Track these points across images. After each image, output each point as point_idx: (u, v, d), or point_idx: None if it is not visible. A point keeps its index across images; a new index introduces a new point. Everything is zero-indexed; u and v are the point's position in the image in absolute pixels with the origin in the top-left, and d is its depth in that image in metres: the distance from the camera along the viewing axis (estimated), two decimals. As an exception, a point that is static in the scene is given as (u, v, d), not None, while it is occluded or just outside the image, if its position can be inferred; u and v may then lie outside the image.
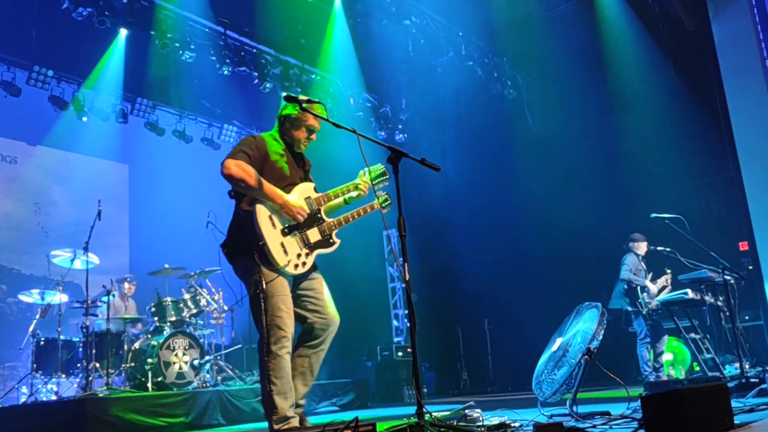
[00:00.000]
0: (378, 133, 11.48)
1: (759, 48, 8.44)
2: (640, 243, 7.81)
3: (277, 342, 3.77)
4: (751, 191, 8.53)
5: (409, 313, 3.22)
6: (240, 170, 3.81)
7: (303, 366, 3.99)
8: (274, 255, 3.81)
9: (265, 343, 3.77)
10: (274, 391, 3.74)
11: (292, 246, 3.90)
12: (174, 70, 9.51)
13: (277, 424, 3.74)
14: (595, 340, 3.74)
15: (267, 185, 3.86)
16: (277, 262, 3.82)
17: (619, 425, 3.12)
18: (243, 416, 6.54)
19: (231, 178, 3.82)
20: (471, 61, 10.63)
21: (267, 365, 3.75)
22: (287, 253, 3.86)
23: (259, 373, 3.83)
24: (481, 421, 3.48)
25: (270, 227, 3.86)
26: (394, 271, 12.19)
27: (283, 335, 3.79)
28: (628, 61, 9.86)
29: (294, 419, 3.78)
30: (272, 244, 3.82)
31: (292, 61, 10.26)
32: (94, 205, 7.15)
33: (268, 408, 3.76)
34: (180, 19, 8.92)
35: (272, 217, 3.88)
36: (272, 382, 3.74)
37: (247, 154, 3.90)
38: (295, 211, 3.89)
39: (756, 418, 3.05)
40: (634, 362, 7.99)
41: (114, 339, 7.28)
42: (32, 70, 8.92)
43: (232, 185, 3.89)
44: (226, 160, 3.87)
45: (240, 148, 3.93)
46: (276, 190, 3.88)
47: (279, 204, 3.87)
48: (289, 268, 3.86)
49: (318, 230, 4.02)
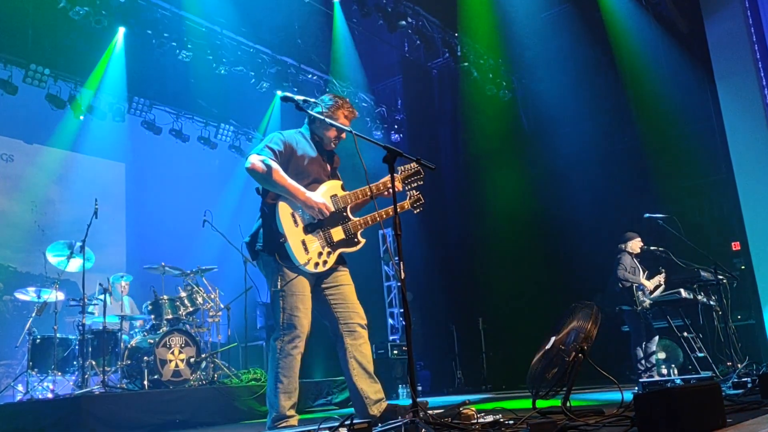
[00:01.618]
0: (374, 132, 11.52)
1: (752, 50, 8.49)
2: (633, 242, 7.85)
3: (292, 341, 3.81)
4: (743, 192, 8.58)
5: (404, 312, 3.24)
6: (263, 165, 3.80)
7: (355, 368, 3.95)
8: (295, 252, 3.79)
9: (279, 341, 3.81)
10: (280, 389, 3.79)
11: (314, 244, 3.87)
12: (171, 69, 9.52)
13: (276, 421, 3.79)
14: (588, 339, 3.78)
15: (289, 181, 3.83)
16: (297, 259, 3.80)
17: (612, 424, 3.16)
18: (239, 414, 6.55)
19: (253, 172, 3.82)
20: (466, 62, 10.68)
21: (278, 363, 3.80)
22: (308, 251, 3.84)
23: (269, 368, 3.86)
24: (476, 419, 3.51)
25: (292, 224, 3.83)
26: (389, 269, 12.22)
27: (298, 335, 3.82)
28: (622, 63, 9.90)
29: (293, 419, 3.82)
30: (293, 242, 3.80)
31: (289, 61, 10.28)
32: (91, 203, 7.15)
33: (272, 401, 3.81)
34: (177, 18, 8.93)
35: (294, 215, 3.86)
36: (279, 380, 3.79)
37: (271, 149, 3.89)
38: (318, 208, 3.85)
39: (748, 416, 3.09)
40: (627, 361, 8.04)
41: (110, 337, 7.30)
42: (29, 68, 8.92)
43: (257, 181, 3.88)
44: (250, 155, 3.87)
45: (266, 144, 3.93)
46: (298, 187, 3.85)
47: (301, 201, 3.83)
48: (309, 266, 3.84)
49: (342, 229, 3.98)
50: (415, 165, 4.12)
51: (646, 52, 9.75)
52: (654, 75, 9.70)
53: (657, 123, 9.67)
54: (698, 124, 9.58)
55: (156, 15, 8.73)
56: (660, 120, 9.64)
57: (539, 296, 10.18)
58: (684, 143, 9.49)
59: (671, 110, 9.57)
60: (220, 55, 9.39)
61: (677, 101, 9.54)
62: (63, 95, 9.32)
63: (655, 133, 9.70)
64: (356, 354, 3.96)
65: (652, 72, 9.72)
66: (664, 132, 9.64)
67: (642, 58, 9.76)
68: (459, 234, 11.88)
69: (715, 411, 2.75)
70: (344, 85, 10.98)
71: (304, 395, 7.54)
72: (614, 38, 9.89)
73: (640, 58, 9.78)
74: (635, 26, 9.77)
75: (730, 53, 8.68)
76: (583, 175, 10.24)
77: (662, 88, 9.63)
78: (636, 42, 9.78)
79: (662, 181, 9.51)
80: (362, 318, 4.04)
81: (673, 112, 9.57)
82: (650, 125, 9.76)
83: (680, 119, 9.60)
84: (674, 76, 9.59)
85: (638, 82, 9.77)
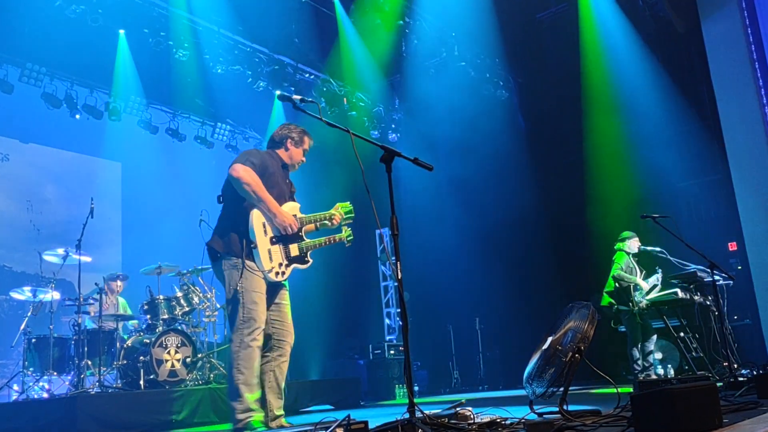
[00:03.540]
0: (371, 132, 11.51)
1: (748, 50, 8.49)
2: (631, 242, 7.85)
3: (251, 333, 4.03)
4: (740, 192, 8.59)
5: (401, 312, 3.25)
6: (248, 175, 4.08)
7: (271, 381, 4.21)
8: (262, 259, 4.11)
9: (239, 334, 4.02)
10: (241, 380, 3.97)
11: (277, 255, 4.21)
12: (167, 68, 9.50)
13: (241, 414, 3.93)
14: (585, 339, 3.77)
15: (268, 194, 4.13)
16: (263, 266, 4.11)
17: (608, 424, 3.15)
18: (235, 414, 6.54)
19: (239, 180, 4.08)
20: (463, 61, 10.67)
21: (238, 355, 4.00)
22: (272, 260, 4.17)
23: (228, 362, 4.08)
24: (473, 419, 3.51)
25: (262, 233, 4.15)
26: (386, 269, 12.21)
27: (257, 327, 4.06)
28: (619, 62, 9.90)
29: (257, 412, 3.98)
30: (261, 249, 4.11)
31: (286, 60, 10.27)
32: (87, 202, 7.14)
33: (234, 397, 3.97)
34: (174, 17, 8.91)
35: (265, 225, 4.17)
36: (241, 371, 3.98)
37: (253, 163, 4.16)
38: (288, 223, 4.18)
39: (744, 417, 3.09)
40: (624, 361, 8.04)
41: (106, 336, 7.28)
42: (25, 67, 8.90)
43: (237, 188, 4.12)
44: (235, 164, 4.13)
45: (247, 157, 4.21)
46: (275, 201, 4.16)
47: (275, 214, 4.14)
48: (271, 274, 4.16)
49: (297, 247, 4.32)
50: (348, 204, 4.57)
51: (642, 52, 9.76)
52: (651, 75, 9.71)
53: (654, 122, 9.68)
54: (695, 123, 9.59)
55: (153, 14, 8.71)
56: (657, 119, 9.65)
57: (536, 296, 10.19)
58: (681, 143, 9.50)
59: (668, 110, 9.58)
60: (217, 54, 9.38)
61: (674, 101, 9.55)
62: (59, 94, 9.31)
63: (652, 133, 9.71)
64: (276, 370, 4.23)
65: (649, 72, 9.72)
66: (661, 131, 9.65)
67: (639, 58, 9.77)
68: (456, 234, 11.88)
69: (712, 411, 2.75)
70: (341, 84, 10.98)
71: (300, 395, 7.55)
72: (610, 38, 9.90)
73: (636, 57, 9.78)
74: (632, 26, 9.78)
75: (726, 53, 8.69)
76: (581, 175, 10.25)
77: (660, 87, 9.64)
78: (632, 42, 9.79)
79: (659, 181, 9.51)
80: (292, 337, 4.36)
81: (670, 112, 9.58)
82: (647, 125, 9.76)
83: (676, 119, 9.61)
84: (671, 76, 9.60)
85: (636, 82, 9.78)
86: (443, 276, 11.70)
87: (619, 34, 9.83)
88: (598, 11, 9.91)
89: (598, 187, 10.09)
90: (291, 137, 4.48)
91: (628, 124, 9.95)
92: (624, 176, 9.97)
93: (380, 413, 6.39)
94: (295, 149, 4.49)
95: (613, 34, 9.88)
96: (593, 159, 10.28)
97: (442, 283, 11.70)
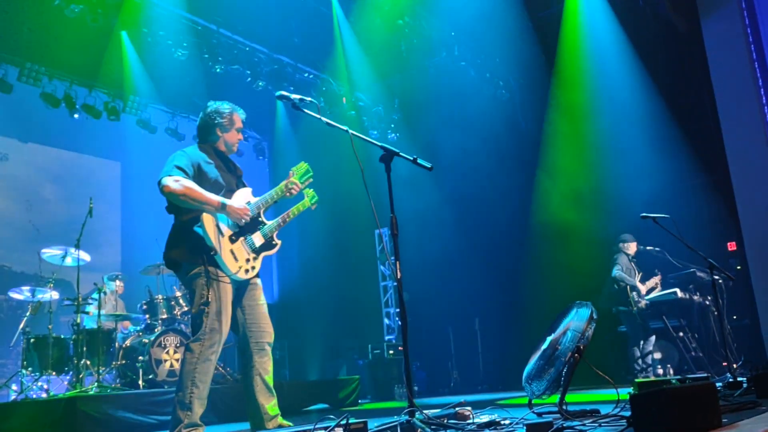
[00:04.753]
0: (370, 132, 11.50)
1: (748, 50, 8.49)
2: (630, 243, 7.86)
3: (213, 346, 3.85)
4: (739, 192, 8.58)
5: (400, 312, 3.24)
6: (178, 185, 3.88)
7: (258, 384, 4.06)
8: (226, 263, 3.90)
9: (199, 344, 3.83)
10: (196, 395, 3.81)
11: (241, 252, 4.00)
12: (166, 68, 9.49)
13: (186, 428, 3.78)
14: (584, 339, 3.77)
15: (207, 195, 3.91)
16: (230, 269, 3.90)
17: (608, 424, 3.15)
18: (233, 414, 6.54)
19: (172, 194, 3.89)
20: (463, 61, 10.66)
21: (196, 368, 3.81)
22: (237, 259, 3.96)
23: (181, 373, 3.87)
24: (472, 419, 3.51)
25: (218, 235, 3.92)
26: (385, 269, 12.21)
27: (218, 340, 3.87)
28: (619, 62, 9.89)
29: (201, 428, 3.85)
30: (223, 253, 3.90)
31: (285, 60, 10.26)
32: (86, 202, 7.14)
33: (184, 408, 3.80)
34: (173, 16, 8.91)
35: (219, 225, 3.95)
36: (196, 385, 3.82)
37: (181, 168, 3.97)
38: (240, 214, 3.96)
39: (743, 417, 3.09)
40: (623, 361, 8.05)
41: (105, 336, 7.27)
42: (24, 66, 8.89)
43: (174, 201, 3.96)
44: (162, 178, 3.93)
45: (174, 165, 4.00)
46: (218, 198, 3.94)
47: (223, 210, 3.92)
48: (240, 274, 3.96)
49: (260, 234, 4.12)
50: (304, 164, 4.30)
51: (642, 52, 9.75)
52: (651, 75, 9.70)
53: (653, 122, 9.67)
54: (694, 123, 9.59)
55: (152, 13, 8.70)
56: (656, 119, 9.64)
57: (536, 297, 10.18)
58: (680, 143, 9.49)
59: (667, 109, 9.57)
60: (216, 53, 9.36)
61: (674, 100, 9.54)
62: (58, 94, 9.30)
63: (651, 133, 9.70)
64: (261, 371, 4.06)
65: (649, 72, 9.71)
66: (660, 131, 9.64)
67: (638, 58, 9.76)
68: (456, 234, 11.87)
69: (711, 411, 2.75)
70: (341, 84, 10.97)
71: (300, 396, 7.54)
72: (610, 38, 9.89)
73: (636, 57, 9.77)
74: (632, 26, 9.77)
75: (726, 53, 8.69)
76: (579, 175, 10.24)
77: (659, 87, 9.63)
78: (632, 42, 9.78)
79: (658, 181, 9.50)
80: (271, 336, 4.15)
81: (669, 112, 9.57)
82: (646, 125, 9.75)
83: (676, 118, 9.61)
84: (671, 76, 9.59)
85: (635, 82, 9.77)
86: (443, 276, 11.70)
87: (620, 34, 9.82)
88: (599, 11, 9.90)
89: (597, 187, 10.08)
90: (219, 124, 4.19)
91: (627, 124, 9.93)
92: (624, 177, 9.96)
93: (379, 413, 6.39)
94: (227, 134, 4.22)
95: (613, 34, 9.87)
96: (591, 159, 10.27)
97: (441, 283, 11.69)
